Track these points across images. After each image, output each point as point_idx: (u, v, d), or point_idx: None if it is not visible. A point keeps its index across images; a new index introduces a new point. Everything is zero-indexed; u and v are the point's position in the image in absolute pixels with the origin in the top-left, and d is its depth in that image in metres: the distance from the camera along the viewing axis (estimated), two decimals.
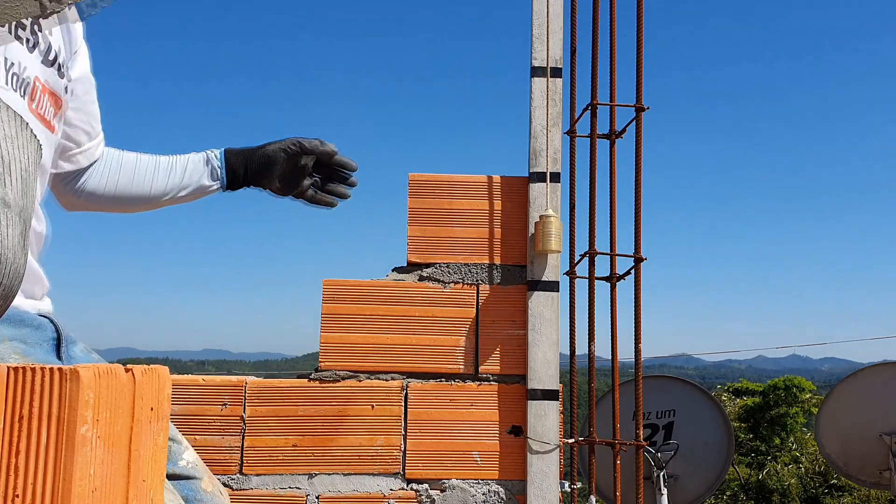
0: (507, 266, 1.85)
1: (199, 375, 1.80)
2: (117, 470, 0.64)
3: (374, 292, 1.82)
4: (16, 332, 1.12)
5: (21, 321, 1.13)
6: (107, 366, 0.64)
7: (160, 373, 0.75)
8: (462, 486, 1.77)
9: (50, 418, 0.57)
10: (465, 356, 1.81)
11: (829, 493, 14.52)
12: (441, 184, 1.86)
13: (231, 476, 1.74)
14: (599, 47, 2.00)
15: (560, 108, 1.87)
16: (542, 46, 1.88)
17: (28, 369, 0.58)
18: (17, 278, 0.85)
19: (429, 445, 1.77)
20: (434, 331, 1.81)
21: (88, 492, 0.59)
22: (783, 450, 16.03)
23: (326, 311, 1.81)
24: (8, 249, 0.82)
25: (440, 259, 1.84)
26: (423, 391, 1.79)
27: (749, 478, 15.27)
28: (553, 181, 1.83)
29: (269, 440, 1.75)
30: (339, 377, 1.78)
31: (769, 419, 16.26)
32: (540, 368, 1.78)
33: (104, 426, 0.62)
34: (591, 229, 1.98)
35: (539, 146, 1.85)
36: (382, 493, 1.75)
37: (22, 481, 0.56)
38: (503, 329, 1.82)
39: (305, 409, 1.77)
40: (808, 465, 15.24)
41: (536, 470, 1.75)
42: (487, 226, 1.86)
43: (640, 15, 2.00)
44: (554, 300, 1.80)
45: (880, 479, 4.79)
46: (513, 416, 1.79)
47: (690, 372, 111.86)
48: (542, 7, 1.89)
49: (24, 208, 0.86)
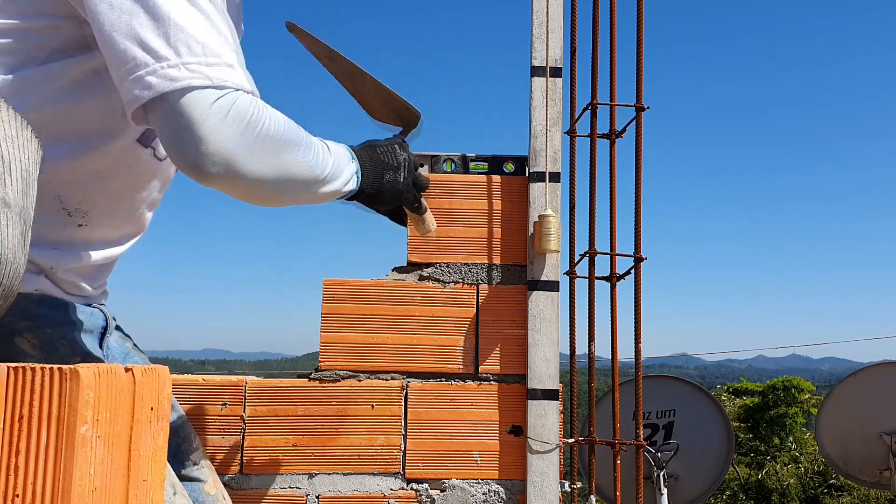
0: (508, 266, 1.85)
1: (199, 375, 1.80)
2: (117, 470, 0.64)
3: (374, 292, 1.82)
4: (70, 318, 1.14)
5: (74, 308, 1.16)
6: (107, 366, 0.64)
7: (160, 373, 0.75)
8: (462, 485, 1.77)
9: (50, 418, 0.57)
10: (465, 356, 1.81)
11: (828, 492, 14.52)
12: (441, 183, 1.86)
13: (231, 476, 1.74)
14: (599, 47, 2.00)
15: (560, 108, 1.87)
16: (542, 46, 1.88)
17: (28, 369, 0.58)
18: (18, 278, 0.85)
19: (429, 445, 1.77)
20: (434, 330, 1.81)
21: (88, 492, 0.59)
22: (783, 450, 16.03)
23: (326, 311, 1.81)
24: (8, 249, 0.82)
25: (440, 259, 1.84)
26: (424, 391, 1.79)
27: (749, 478, 15.27)
28: (553, 181, 1.83)
29: (269, 440, 1.76)
30: (339, 377, 1.78)
31: (769, 419, 16.26)
32: (540, 368, 1.78)
33: (104, 426, 0.62)
34: (591, 229, 1.98)
35: (539, 146, 1.85)
36: (382, 493, 1.75)
37: (22, 481, 0.56)
38: (503, 329, 1.82)
39: (305, 409, 1.77)
40: (807, 465, 15.24)
41: (536, 470, 1.75)
42: (487, 226, 1.86)
43: (641, 15, 2.00)
44: (554, 300, 1.80)
45: (880, 479, 4.79)
46: (513, 416, 1.79)
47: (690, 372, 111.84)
48: (542, 7, 1.89)
49: (25, 208, 0.85)
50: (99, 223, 1.17)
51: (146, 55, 0.95)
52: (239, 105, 0.99)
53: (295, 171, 1.09)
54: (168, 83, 0.94)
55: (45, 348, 1.07)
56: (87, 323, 1.20)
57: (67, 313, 1.15)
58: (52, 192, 1.09)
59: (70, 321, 1.14)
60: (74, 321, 1.16)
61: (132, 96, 0.96)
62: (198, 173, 0.99)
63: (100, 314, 1.25)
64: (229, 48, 1.01)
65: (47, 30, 1.04)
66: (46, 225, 1.09)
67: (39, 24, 1.04)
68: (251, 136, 1.00)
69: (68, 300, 1.17)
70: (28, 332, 1.06)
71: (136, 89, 0.95)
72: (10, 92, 1.01)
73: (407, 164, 1.34)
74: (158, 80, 0.94)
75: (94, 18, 0.97)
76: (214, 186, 1.02)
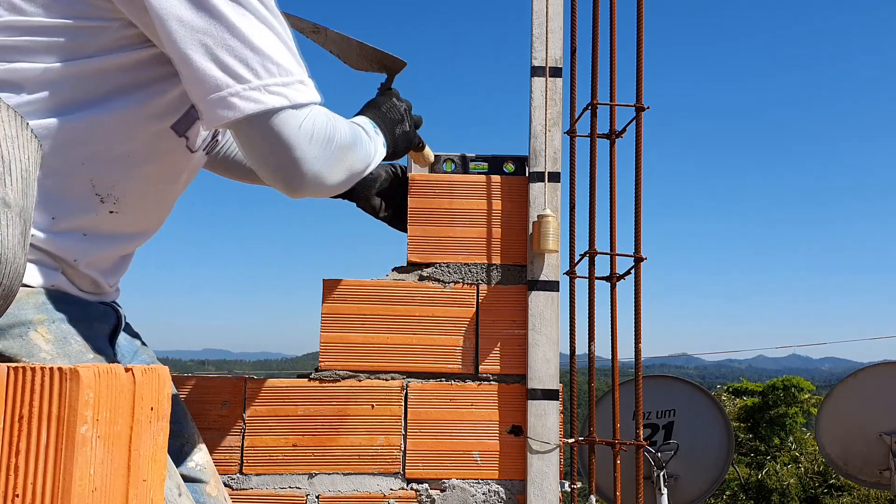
0: (507, 266, 1.85)
1: (199, 375, 1.80)
2: (117, 470, 0.64)
3: (374, 292, 1.82)
4: (85, 314, 1.16)
5: (88, 305, 1.18)
6: (107, 365, 0.64)
7: (160, 373, 0.75)
8: (462, 485, 1.77)
9: (50, 418, 0.57)
10: (465, 356, 1.81)
11: (828, 492, 14.53)
12: (441, 184, 1.87)
13: (231, 476, 1.74)
14: (599, 47, 2.00)
15: (560, 108, 1.87)
16: (541, 46, 1.88)
17: (28, 369, 0.58)
18: (18, 278, 0.85)
19: (429, 445, 1.77)
20: (434, 330, 1.81)
21: (88, 492, 0.59)
22: (782, 450, 16.04)
23: (326, 311, 1.81)
24: (8, 249, 0.82)
25: (440, 259, 1.84)
26: (424, 391, 1.79)
27: (749, 478, 15.28)
28: (553, 181, 1.83)
29: (269, 440, 1.76)
30: (339, 377, 1.78)
31: (769, 419, 16.27)
32: (540, 368, 1.78)
33: (104, 426, 0.62)
34: (591, 229, 1.98)
35: (539, 146, 1.85)
36: (382, 493, 1.75)
37: (22, 481, 0.56)
38: (503, 329, 1.82)
39: (305, 409, 1.77)
40: (807, 465, 15.25)
41: (536, 470, 1.75)
42: (487, 226, 1.86)
43: (641, 15, 2.00)
44: (554, 300, 1.80)
45: (880, 479, 4.79)
46: (513, 416, 1.79)
47: (690, 372, 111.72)
48: (541, 7, 1.89)
49: (25, 208, 0.86)
50: (129, 210, 1.19)
51: (226, 77, 1.03)
52: (318, 124, 1.11)
53: (356, 167, 1.24)
54: (253, 105, 1.04)
55: (59, 343, 1.08)
56: (100, 320, 1.21)
57: (82, 309, 1.16)
58: (85, 176, 1.12)
59: (84, 317, 1.15)
60: (89, 318, 1.17)
61: (216, 115, 1.04)
62: (292, 191, 1.14)
63: (112, 312, 1.26)
64: (296, 60, 1.10)
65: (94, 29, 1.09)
66: (78, 211, 1.12)
67: (90, 25, 1.09)
68: (331, 151, 1.14)
69: (83, 297, 1.18)
70: (43, 326, 1.07)
71: (220, 109, 1.03)
72: (60, 79, 1.07)
73: (407, 111, 1.50)
74: (243, 102, 1.03)
75: (163, 33, 1.03)
76: (300, 197, 1.18)
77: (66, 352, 1.08)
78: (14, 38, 1.06)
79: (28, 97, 1.06)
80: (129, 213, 1.19)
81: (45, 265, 1.10)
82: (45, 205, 1.08)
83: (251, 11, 1.05)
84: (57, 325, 1.09)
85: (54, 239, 1.10)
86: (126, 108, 1.11)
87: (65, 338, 1.10)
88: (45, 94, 1.07)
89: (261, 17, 1.06)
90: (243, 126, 1.07)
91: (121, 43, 1.09)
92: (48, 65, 1.06)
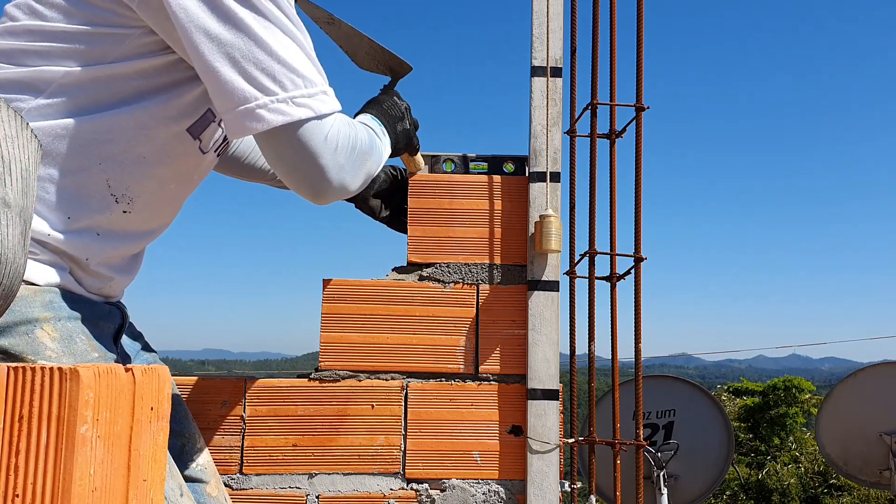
0: (508, 266, 1.85)
1: (199, 375, 1.80)
2: (117, 470, 0.64)
3: (374, 292, 1.82)
4: (90, 313, 1.17)
5: (94, 304, 1.19)
6: (107, 366, 0.64)
7: (160, 372, 0.75)
8: (462, 485, 1.77)
9: (50, 418, 0.57)
10: (465, 356, 1.81)
11: (828, 492, 14.53)
12: (441, 184, 1.87)
13: (231, 476, 1.74)
14: (599, 47, 2.00)
15: (560, 108, 1.87)
16: (541, 46, 1.88)
17: (28, 369, 0.58)
18: (18, 278, 0.85)
19: (429, 445, 1.77)
20: (434, 330, 1.81)
21: (88, 492, 0.59)
22: (783, 450, 16.04)
23: (326, 311, 1.81)
24: (8, 249, 0.82)
25: (440, 259, 1.84)
26: (424, 391, 1.79)
27: (749, 477, 15.28)
28: (553, 181, 1.83)
29: (269, 440, 1.76)
30: (339, 377, 1.78)
31: (769, 419, 16.27)
32: (540, 368, 1.78)
33: (104, 426, 0.62)
34: (591, 229, 1.98)
35: (539, 146, 1.85)
36: (382, 493, 1.75)
37: (22, 481, 0.56)
38: (503, 329, 1.82)
39: (305, 409, 1.77)
40: (807, 465, 15.25)
41: (536, 470, 1.75)
42: (488, 226, 1.86)
43: (641, 15, 2.00)
44: (554, 300, 1.80)
45: (880, 479, 4.79)
46: (513, 416, 1.79)
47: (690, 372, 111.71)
48: (542, 7, 1.89)
49: (25, 208, 0.86)
50: (142, 209, 1.21)
51: (253, 89, 1.05)
52: (342, 134, 1.15)
53: (373, 169, 1.29)
54: (280, 117, 1.06)
55: (65, 342, 1.08)
56: (105, 320, 1.22)
57: (88, 308, 1.17)
58: (102, 176, 1.14)
59: (90, 316, 1.16)
60: (94, 317, 1.18)
61: (243, 126, 1.06)
62: (318, 198, 1.18)
63: (117, 312, 1.27)
64: (317, 70, 1.13)
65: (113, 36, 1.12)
66: (93, 210, 1.14)
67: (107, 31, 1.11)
68: (353, 158, 1.18)
69: (89, 297, 1.18)
70: (49, 324, 1.07)
71: (248, 121, 1.06)
72: (81, 82, 1.10)
73: (408, 110, 1.54)
74: (271, 114, 1.06)
75: (189, 45, 1.05)
76: (324, 203, 1.21)
77: (71, 350, 1.08)
78: (34, 43, 1.08)
79: (47, 100, 1.08)
80: (141, 212, 1.21)
81: (54, 264, 1.11)
82: (61, 204, 1.10)
83: (276, 23, 1.07)
84: (63, 323, 1.09)
85: (69, 238, 1.11)
86: (145, 111, 1.13)
87: (70, 336, 1.10)
88: (64, 97, 1.08)
89: (285, 29, 1.08)
90: (271, 137, 1.09)
91: (141, 50, 1.11)
92: (68, 69, 1.08)
